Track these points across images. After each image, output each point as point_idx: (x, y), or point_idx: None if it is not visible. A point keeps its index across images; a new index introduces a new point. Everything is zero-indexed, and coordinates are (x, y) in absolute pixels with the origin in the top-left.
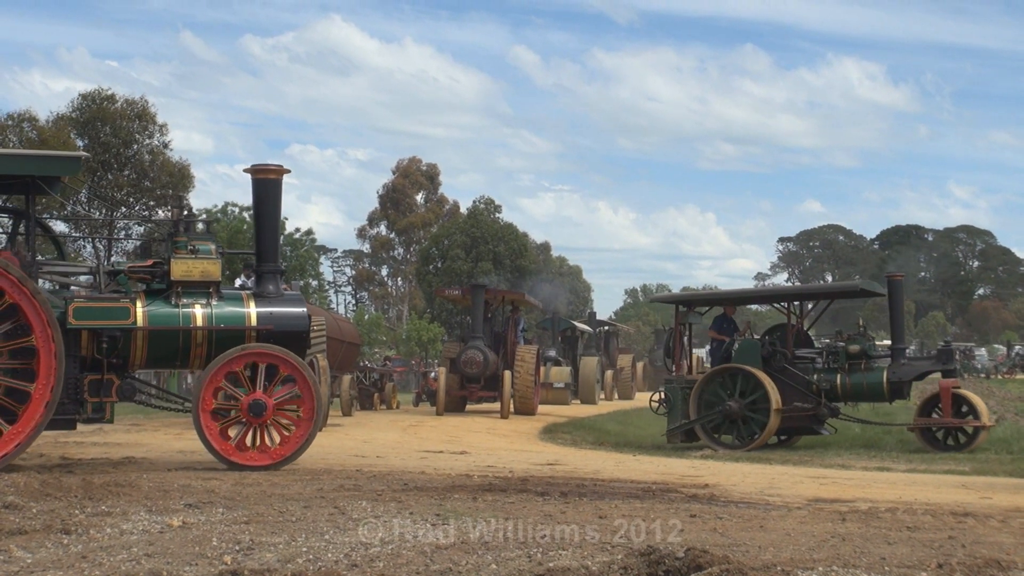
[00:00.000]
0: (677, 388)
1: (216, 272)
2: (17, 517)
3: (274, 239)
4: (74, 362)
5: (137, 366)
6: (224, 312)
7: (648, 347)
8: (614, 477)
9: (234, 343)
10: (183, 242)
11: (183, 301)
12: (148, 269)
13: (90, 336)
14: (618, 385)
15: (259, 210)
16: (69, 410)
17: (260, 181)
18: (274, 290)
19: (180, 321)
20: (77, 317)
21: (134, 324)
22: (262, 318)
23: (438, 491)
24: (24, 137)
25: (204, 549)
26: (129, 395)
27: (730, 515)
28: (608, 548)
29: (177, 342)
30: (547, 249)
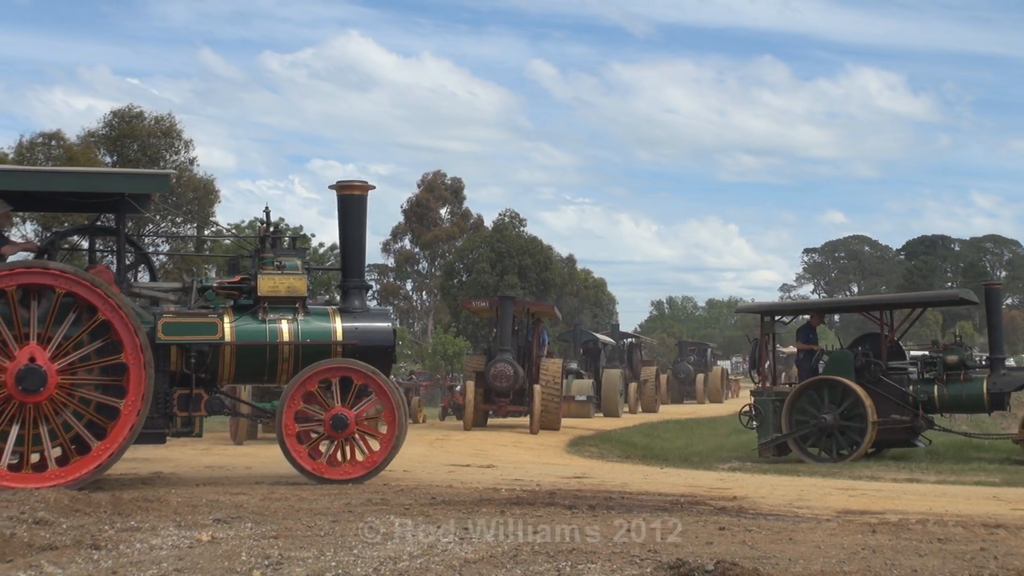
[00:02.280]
0: (768, 401)
1: (302, 287)
2: (47, 532)
3: (359, 255)
4: (163, 377)
5: (225, 381)
6: (310, 327)
7: (672, 359)
8: (642, 490)
9: (320, 358)
10: (270, 258)
11: (270, 316)
12: (235, 285)
13: (179, 351)
14: (642, 398)
15: (344, 226)
16: (158, 424)
17: (345, 197)
18: (359, 305)
19: (267, 336)
20: (166, 332)
21: (222, 339)
22: (348, 333)
23: (466, 505)
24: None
25: (233, 564)
26: (217, 409)
27: (759, 527)
28: (637, 561)
29: (264, 357)
30: (572, 262)
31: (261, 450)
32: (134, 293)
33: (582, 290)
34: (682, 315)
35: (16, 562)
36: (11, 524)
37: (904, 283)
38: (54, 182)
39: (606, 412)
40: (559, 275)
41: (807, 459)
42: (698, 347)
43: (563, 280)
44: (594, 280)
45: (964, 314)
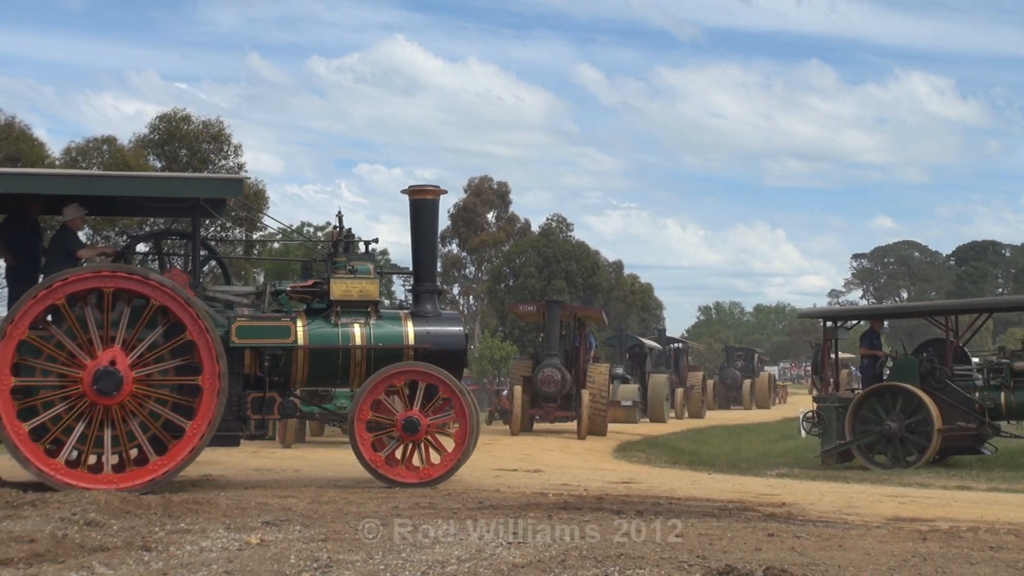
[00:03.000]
0: (831, 407)
1: (374, 292)
2: (99, 534)
3: (432, 259)
4: (237, 380)
5: (298, 384)
6: (382, 331)
7: (719, 364)
8: (689, 495)
9: (392, 361)
10: (342, 262)
11: (342, 320)
12: (308, 289)
13: (252, 355)
14: (689, 403)
15: (416, 230)
16: (233, 427)
17: (417, 202)
18: (432, 309)
19: (339, 340)
20: (240, 336)
21: (295, 343)
22: (419, 337)
23: (513, 509)
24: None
25: (282, 567)
26: (290, 412)
27: (808, 534)
28: (686, 567)
29: (337, 360)
30: (619, 267)
31: (309, 453)
32: (209, 297)
33: (628, 295)
34: (730, 320)
35: (68, 563)
36: (63, 525)
37: (954, 289)
38: (130, 187)
39: (652, 417)
40: (606, 280)
41: (871, 466)
42: (745, 352)
43: (610, 285)
44: (641, 285)
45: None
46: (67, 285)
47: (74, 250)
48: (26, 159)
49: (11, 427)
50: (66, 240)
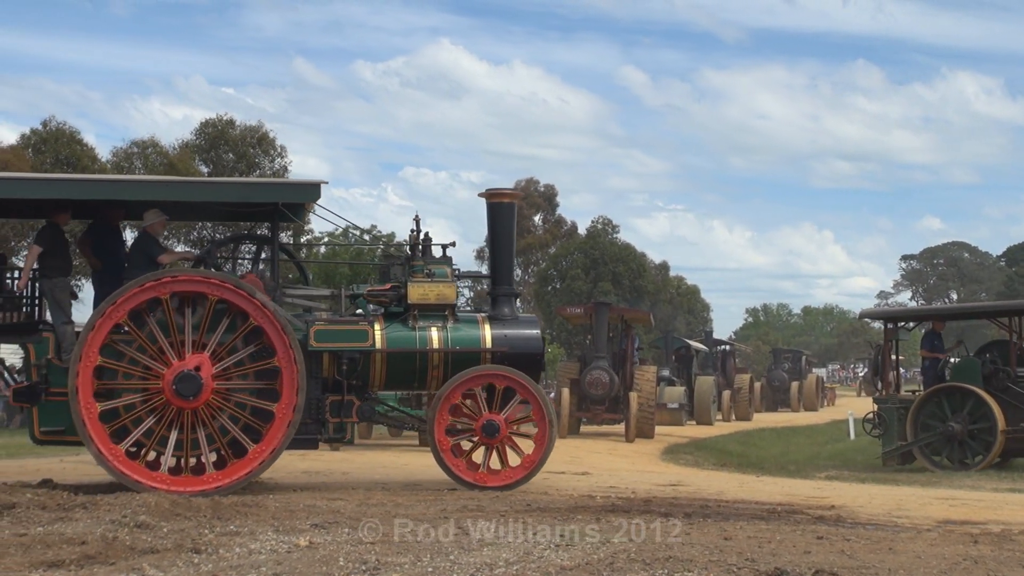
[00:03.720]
0: (892, 409)
1: (452, 295)
2: (149, 536)
3: (509, 262)
4: (316, 383)
5: (376, 387)
6: (460, 334)
7: (767, 366)
8: (738, 498)
9: (470, 365)
10: (420, 266)
11: (420, 323)
12: (386, 292)
13: (331, 358)
14: (736, 406)
15: (494, 234)
16: (311, 430)
17: (494, 205)
18: (509, 312)
19: (417, 343)
20: (318, 340)
21: (373, 346)
22: (497, 340)
23: (561, 512)
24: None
25: (331, 569)
26: (369, 416)
27: (858, 537)
28: (735, 570)
29: (414, 364)
30: (665, 270)
31: (357, 456)
32: (287, 301)
33: (675, 297)
34: (777, 322)
35: (119, 565)
36: (113, 528)
37: (1005, 290)
38: (210, 192)
39: (698, 420)
40: (652, 282)
41: (933, 468)
42: (792, 354)
43: (656, 287)
44: (687, 287)
45: None
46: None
47: (155, 255)
48: (76, 164)
49: (85, 403)
50: (147, 245)
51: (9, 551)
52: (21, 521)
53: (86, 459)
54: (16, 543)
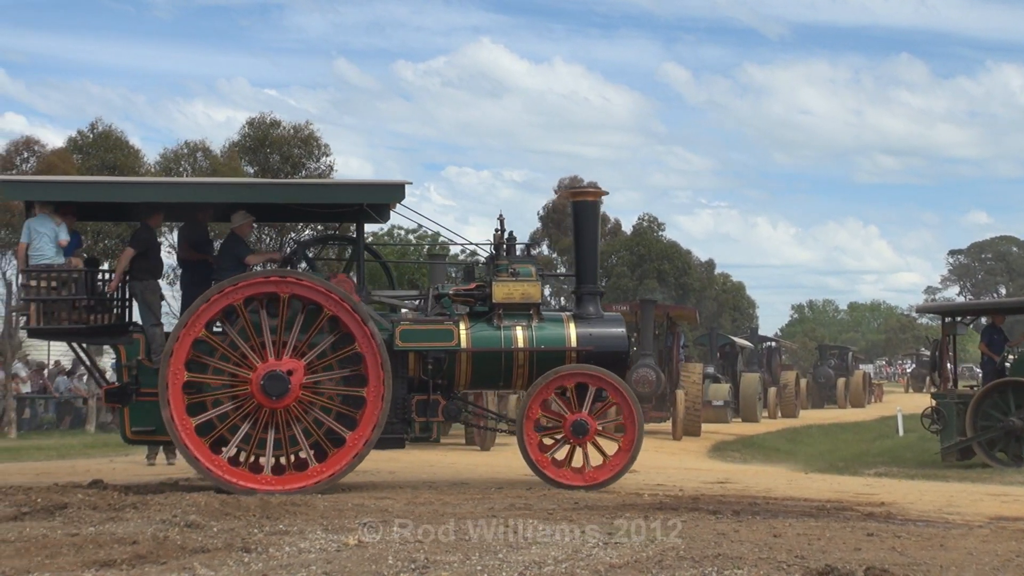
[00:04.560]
0: (951, 404)
1: (536, 294)
2: (199, 536)
3: (593, 261)
4: (402, 383)
5: (462, 387)
6: (545, 333)
7: (813, 363)
8: (786, 495)
9: (555, 364)
10: (504, 265)
11: (505, 323)
12: (471, 292)
13: (416, 358)
14: (781, 403)
15: (578, 232)
16: (397, 429)
17: (578, 204)
18: (594, 311)
19: (502, 343)
20: (404, 339)
21: (458, 346)
22: (582, 339)
23: (609, 510)
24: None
25: (380, 568)
26: (455, 415)
27: (908, 534)
28: (784, 567)
29: (500, 363)
30: (711, 267)
31: (403, 455)
32: (373, 301)
33: (720, 294)
34: (824, 319)
35: (170, 564)
36: (164, 527)
37: None
38: (297, 194)
39: (744, 417)
40: (698, 279)
41: (993, 463)
42: (839, 351)
43: (702, 285)
44: (732, 284)
45: None
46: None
47: (242, 256)
48: (122, 167)
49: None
50: (235, 246)
51: (62, 551)
52: (73, 521)
53: (136, 459)
54: (68, 543)
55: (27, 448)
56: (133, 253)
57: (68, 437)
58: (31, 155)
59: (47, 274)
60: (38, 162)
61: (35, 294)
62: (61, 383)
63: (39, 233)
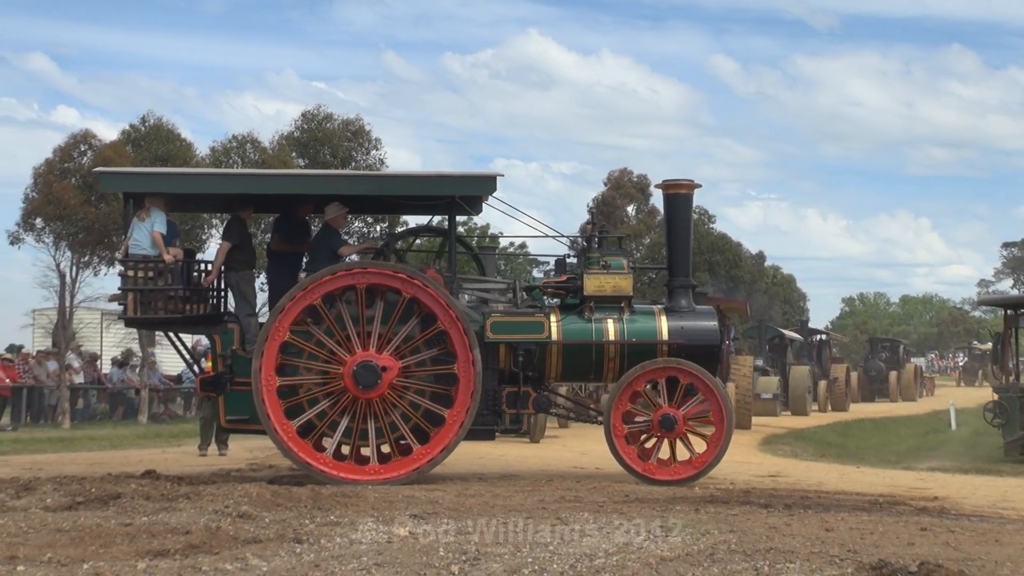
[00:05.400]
0: (1014, 397)
1: (628, 287)
2: (252, 526)
3: (685, 254)
4: (492, 375)
5: (552, 379)
6: (636, 326)
7: (863, 356)
8: (838, 489)
9: (646, 357)
10: (596, 258)
11: (596, 316)
12: (562, 284)
13: (507, 350)
14: (831, 396)
15: (670, 225)
16: (488, 421)
17: (671, 196)
18: (686, 304)
19: (593, 335)
20: (494, 331)
21: (548, 338)
22: (674, 332)
23: (660, 503)
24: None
25: (431, 559)
26: (545, 407)
27: (963, 529)
28: (837, 561)
29: (590, 356)
30: (761, 259)
31: None
32: (465, 293)
33: (771, 287)
34: (875, 311)
35: (222, 554)
36: (217, 518)
37: None
38: (388, 185)
39: (793, 410)
40: (748, 272)
41: None
42: (890, 344)
43: (752, 277)
44: (783, 276)
45: None
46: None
47: (336, 248)
48: (175, 160)
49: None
50: (329, 238)
51: (115, 540)
52: (126, 511)
53: (188, 450)
54: (122, 533)
55: (80, 438)
56: (230, 246)
57: (121, 428)
58: (87, 148)
59: (144, 264)
60: (93, 155)
61: (132, 284)
62: (114, 374)
63: (137, 225)
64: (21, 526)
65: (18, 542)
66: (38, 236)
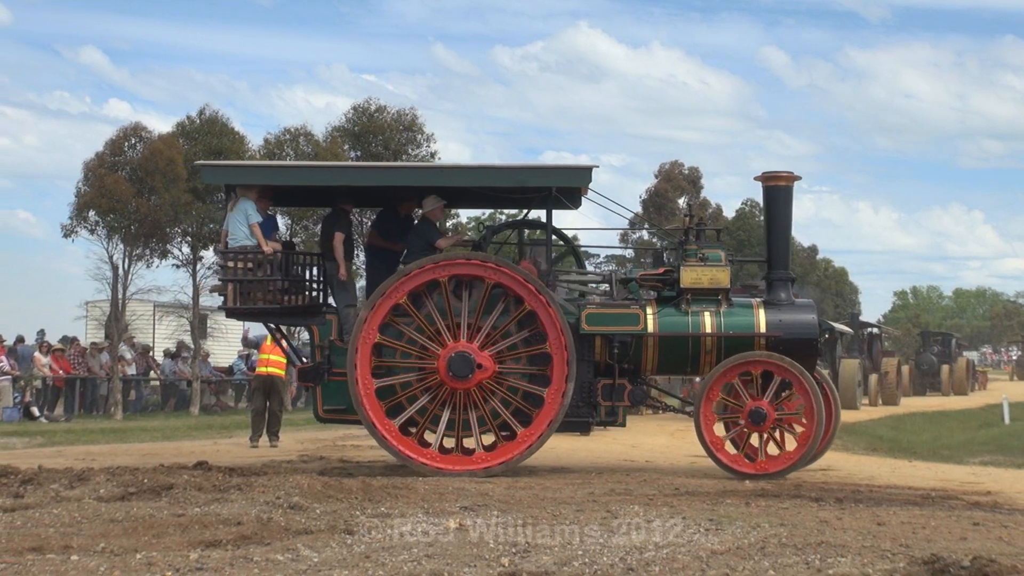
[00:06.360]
0: None
1: (725, 279)
2: (303, 518)
3: (785, 246)
4: (588, 367)
5: (649, 372)
6: (733, 319)
7: (915, 350)
8: (890, 483)
9: (743, 350)
10: (693, 250)
11: (693, 308)
12: (659, 277)
13: (603, 342)
14: (883, 390)
15: (769, 218)
16: (583, 413)
17: (770, 188)
18: (785, 297)
19: (690, 328)
20: (589, 323)
21: (644, 330)
22: (771, 325)
23: (710, 496)
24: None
25: (482, 551)
26: (641, 400)
27: (1016, 524)
28: (889, 556)
29: (687, 349)
30: (813, 252)
31: None
32: (561, 285)
33: (823, 280)
34: (928, 305)
35: (274, 545)
36: (268, 509)
37: None
38: (486, 178)
39: (843, 404)
40: (800, 265)
41: None
42: (943, 337)
43: (804, 270)
44: (835, 269)
45: None
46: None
47: (433, 240)
48: (228, 152)
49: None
50: (425, 231)
51: (168, 531)
52: (179, 502)
53: (240, 442)
54: (175, 523)
55: (132, 429)
56: (344, 236)
57: (172, 419)
58: (138, 141)
59: (244, 256)
60: (144, 148)
61: (232, 275)
62: (167, 366)
63: (233, 217)
64: (75, 516)
65: (72, 532)
66: (91, 229)
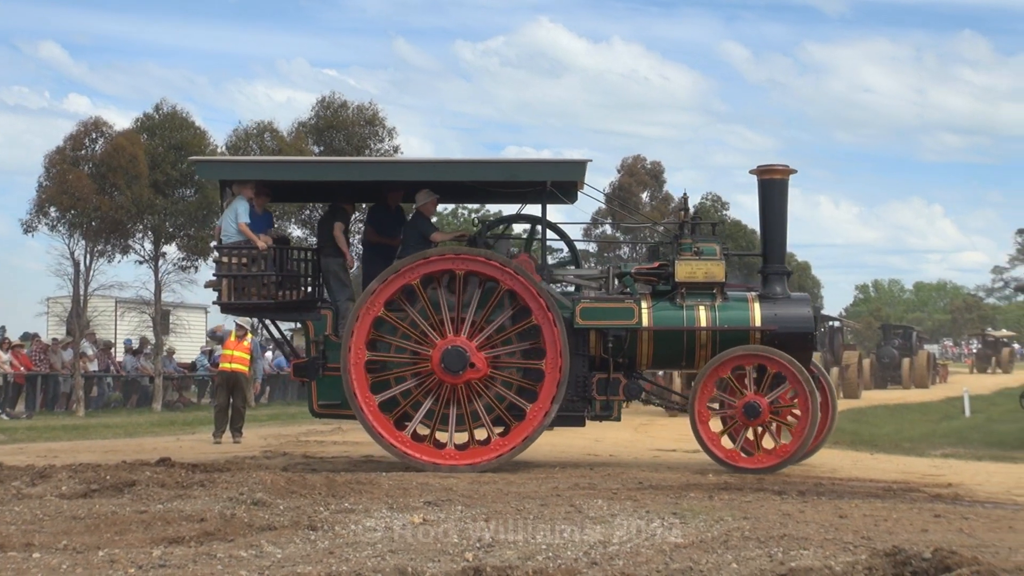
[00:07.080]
0: None
1: (720, 274)
2: (266, 514)
3: (781, 240)
4: (582, 361)
5: (643, 366)
6: (728, 313)
7: (876, 343)
8: (852, 476)
9: (737, 344)
10: (688, 244)
11: (687, 302)
12: (654, 271)
13: (597, 336)
14: (843, 383)
15: (765, 211)
16: (578, 407)
17: (766, 182)
18: (780, 292)
19: (684, 322)
20: (584, 317)
21: (639, 324)
22: (766, 319)
23: (673, 490)
24: (263, 146)
25: (445, 546)
26: (635, 394)
27: (976, 515)
28: (851, 548)
29: (681, 343)
30: None
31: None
32: (556, 280)
33: None
34: (889, 298)
35: (237, 542)
36: (231, 505)
37: None
38: (479, 172)
39: None
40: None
41: None
42: (903, 331)
43: None
44: (797, 264)
45: None
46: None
47: (427, 234)
48: (190, 147)
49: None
50: (420, 225)
51: (131, 528)
52: (141, 498)
53: (203, 438)
54: (137, 520)
55: (95, 426)
56: (344, 226)
57: (135, 415)
58: (99, 136)
59: (238, 251)
60: (105, 143)
61: (226, 271)
62: (128, 362)
63: (226, 215)
64: (37, 513)
65: (34, 529)
66: (52, 225)
